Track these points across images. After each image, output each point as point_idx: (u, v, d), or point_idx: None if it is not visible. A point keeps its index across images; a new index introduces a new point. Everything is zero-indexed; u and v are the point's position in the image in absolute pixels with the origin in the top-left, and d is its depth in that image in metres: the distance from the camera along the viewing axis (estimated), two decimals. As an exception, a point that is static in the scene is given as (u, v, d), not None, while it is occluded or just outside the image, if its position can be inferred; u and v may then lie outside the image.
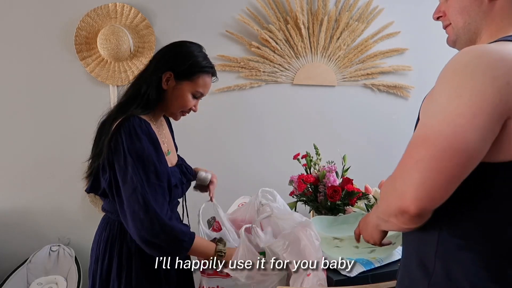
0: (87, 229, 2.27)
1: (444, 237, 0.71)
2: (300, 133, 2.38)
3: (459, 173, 0.63)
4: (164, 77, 1.14)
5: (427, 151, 0.63)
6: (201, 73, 1.17)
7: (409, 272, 0.79)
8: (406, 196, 0.63)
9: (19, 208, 2.19)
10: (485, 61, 0.63)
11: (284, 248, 1.07)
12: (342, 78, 2.41)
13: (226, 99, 2.33)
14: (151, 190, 1.03)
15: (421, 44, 2.48)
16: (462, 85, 0.63)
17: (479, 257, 0.68)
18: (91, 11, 2.13)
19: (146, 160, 1.05)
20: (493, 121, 0.61)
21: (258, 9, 2.29)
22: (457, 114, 0.62)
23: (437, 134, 0.63)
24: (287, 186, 1.59)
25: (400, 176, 0.67)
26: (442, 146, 0.62)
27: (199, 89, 1.18)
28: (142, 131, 1.07)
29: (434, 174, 0.62)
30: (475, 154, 0.62)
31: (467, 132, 0.61)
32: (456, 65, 0.65)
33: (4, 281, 2.02)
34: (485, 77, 0.61)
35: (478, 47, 0.66)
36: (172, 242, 1.04)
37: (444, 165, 0.62)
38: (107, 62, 2.17)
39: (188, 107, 1.19)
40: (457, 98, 0.62)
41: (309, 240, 1.08)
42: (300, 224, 1.12)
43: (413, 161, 0.65)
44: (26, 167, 2.17)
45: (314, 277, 1.04)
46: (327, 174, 1.50)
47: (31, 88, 2.14)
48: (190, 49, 1.19)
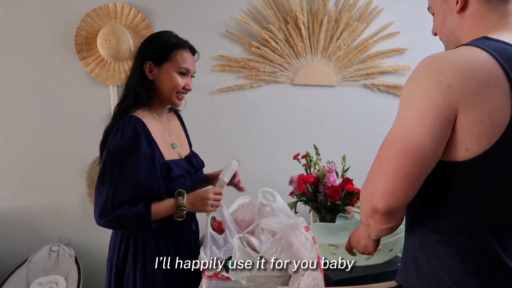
0: (87, 229, 2.27)
1: (424, 233, 0.77)
2: (300, 133, 2.38)
3: (416, 172, 0.69)
4: (146, 68, 1.21)
5: (386, 153, 0.72)
6: (176, 50, 1.22)
7: (405, 265, 0.84)
8: (375, 196, 0.71)
9: (19, 208, 2.19)
10: (431, 67, 0.69)
11: (278, 255, 1.07)
12: (342, 78, 2.41)
13: (226, 99, 2.33)
14: (115, 184, 1.10)
15: (421, 44, 2.47)
16: (412, 91, 0.71)
17: (455, 250, 0.72)
18: (91, 11, 2.13)
19: (123, 156, 1.11)
20: (440, 122, 0.66)
21: (258, 9, 2.29)
22: (408, 117, 0.70)
23: (392, 136, 0.72)
24: (287, 186, 1.59)
25: (370, 179, 0.75)
26: (397, 147, 0.69)
27: (181, 65, 1.22)
28: (129, 127, 1.13)
29: (394, 174, 0.69)
30: (427, 153, 0.68)
31: (416, 134, 0.67)
32: (413, 73, 0.72)
33: (4, 281, 2.02)
34: (430, 82, 0.67)
35: (432, 55, 0.72)
36: (130, 226, 1.12)
37: (400, 164, 0.68)
38: (107, 62, 2.17)
39: (179, 86, 1.23)
40: (409, 102, 0.71)
41: (301, 242, 1.08)
42: (289, 226, 1.11)
43: (377, 163, 0.73)
44: (26, 167, 2.17)
45: (309, 277, 1.04)
46: (327, 174, 1.50)
47: (31, 88, 2.14)
48: (159, 34, 1.28)
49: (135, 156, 1.12)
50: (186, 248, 1.28)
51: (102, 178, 1.12)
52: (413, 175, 0.69)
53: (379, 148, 0.74)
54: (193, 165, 1.32)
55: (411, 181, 0.69)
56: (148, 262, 1.18)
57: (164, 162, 1.19)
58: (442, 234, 0.73)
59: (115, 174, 1.10)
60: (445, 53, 0.73)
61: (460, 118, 0.66)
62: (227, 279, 1.14)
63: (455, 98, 0.65)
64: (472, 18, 0.77)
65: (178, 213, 1.16)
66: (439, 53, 0.73)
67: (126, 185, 1.10)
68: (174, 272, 1.22)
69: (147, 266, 1.18)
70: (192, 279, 1.25)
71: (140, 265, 1.18)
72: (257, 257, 1.10)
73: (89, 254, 2.25)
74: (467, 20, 0.78)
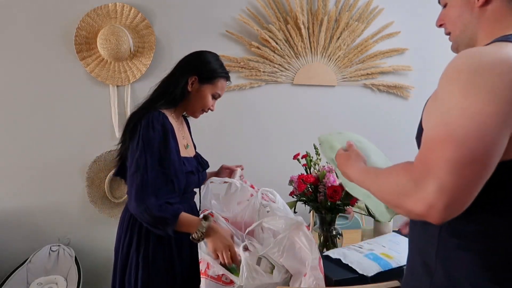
0: (87, 229, 2.27)
1: (443, 237, 0.71)
2: (300, 133, 2.38)
3: (488, 174, 0.59)
4: (190, 80, 1.35)
5: (457, 151, 0.58)
6: (220, 78, 1.39)
7: (413, 271, 0.79)
8: (434, 204, 0.58)
9: (19, 208, 2.19)
10: (488, 60, 0.62)
11: (280, 254, 1.07)
12: (342, 78, 2.41)
13: (226, 99, 2.31)
14: (150, 173, 1.18)
15: (421, 44, 2.48)
16: (473, 84, 0.61)
17: (478, 257, 0.67)
18: (91, 11, 2.13)
19: (154, 147, 1.20)
20: (509, 117, 0.59)
21: (258, 9, 2.29)
22: (477, 111, 0.59)
23: (463, 132, 0.58)
24: (287, 186, 1.58)
25: (425, 174, 0.60)
26: (476, 145, 0.57)
27: (217, 90, 1.41)
28: (158, 122, 1.24)
29: (466, 177, 0.57)
30: (500, 152, 0.59)
31: (493, 130, 0.58)
32: (462, 66, 0.64)
33: (4, 281, 2.02)
34: (492, 75, 0.60)
35: (474, 49, 0.67)
36: (155, 222, 1.18)
37: (476, 166, 0.57)
38: (107, 62, 2.17)
39: (208, 106, 1.41)
40: (471, 96, 0.60)
41: (303, 242, 1.08)
42: (291, 226, 1.11)
43: (441, 161, 0.58)
44: (26, 167, 2.17)
45: (310, 277, 1.04)
46: (327, 174, 1.50)
47: (31, 88, 2.14)
48: (213, 56, 1.42)
49: (167, 148, 1.22)
50: (187, 240, 1.31)
51: (136, 166, 1.19)
52: (485, 179, 0.59)
53: (435, 140, 0.61)
54: (200, 164, 1.45)
55: (481, 186, 0.59)
56: (150, 251, 1.27)
57: (181, 158, 1.31)
58: (466, 239, 0.68)
59: (149, 164, 1.19)
60: (489, 48, 0.67)
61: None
62: (229, 284, 1.13)
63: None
64: (493, 16, 0.74)
65: (195, 235, 1.20)
66: (480, 48, 0.68)
67: (160, 176, 1.20)
68: (175, 260, 1.30)
69: (149, 253, 1.27)
70: (194, 270, 1.33)
71: (143, 253, 1.26)
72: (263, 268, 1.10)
73: (89, 254, 2.25)
74: (486, 17, 0.75)
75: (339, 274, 1.19)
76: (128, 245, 1.30)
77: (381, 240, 1.49)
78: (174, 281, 1.30)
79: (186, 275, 1.33)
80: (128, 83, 2.20)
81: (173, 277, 1.30)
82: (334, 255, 1.31)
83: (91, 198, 2.22)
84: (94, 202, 2.23)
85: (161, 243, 1.28)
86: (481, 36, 0.76)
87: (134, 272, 1.27)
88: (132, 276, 1.27)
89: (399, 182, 0.65)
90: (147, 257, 1.27)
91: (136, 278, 1.26)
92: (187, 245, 1.33)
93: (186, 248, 1.33)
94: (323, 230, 1.53)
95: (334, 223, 1.54)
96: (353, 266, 1.21)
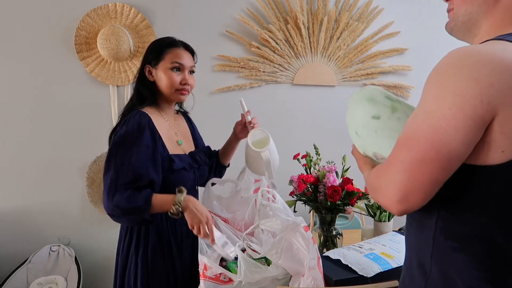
0: (87, 229, 2.27)
1: (438, 239, 0.72)
2: (300, 133, 2.38)
3: (441, 177, 0.64)
4: (146, 71, 1.32)
5: (409, 153, 0.65)
6: (167, 48, 1.31)
7: (409, 272, 0.79)
8: (390, 198, 0.67)
9: (19, 208, 2.19)
10: (468, 62, 0.62)
11: (278, 256, 1.07)
12: (342, 78, 2.41)
13: (226, 99, 2.33)
14: (120, 170, 1.15)
15: (421, 44, 2.48)
16: (444, 86, 0.63)
17: (473, 258, 0.67)
18: (91, 11, 2.13)
19: (126, 142, 1.18)
20: (473, 123, 0.60)
21: (258, 9, 2.29)
22: (438, 116, 0.62)
23: (419, 135, 0.64)
24: (287, 186, 1.58)
25: (386, 174, 0.69)
26: (424, 148, 0.63)
27: (173, 60, 1.29)
28: (135, 120, 1.21)
29: (416, 177, 0.64)
30: (455, 156, 0.62)
31: (447, 134, 0.61)
32: (441, 66, 0.65)
33: (4, 281, 2.02)
34: (466, 79, 0.60)
35: (464, 48, 0.65)
36: (128, 213, 1.16)
37: (425, 168, 0.63)
38: (107, 62, 2.17)
39: (175, 82, 1.30)
40: (439, 99, 0.63)
41: (300, 243, 1.08)
42: (288, 228, 1.11)
43: (397, 161, 0.67)
44: (26, 167, 2.17)
45: (308, 277, 1.04)
46: (327, 174, 1.49)
47: (31, 88, 2.14)
48: (156, 39, 1.39)
49: (137, 146, 1.18)
50: (188, 239, 1.32)
51: (107, 166, 1.18)
52: (438, 180, 0.64)
53: (398, 142, 0.68)
54: (196, 161, 1.39)
55: (434, 185, 0.64)
56: (149, 250, 1.26)
57: (168, 155, 1.27)
58: (460, 241, 0.69)
59: (118, 161, 1.16)
60: (478, 47, 0.65)
61: (500, 119, 0.60)
62: (228, 282, 1.13)
63: (495, 97, 0.59)
64: (503, 9, 0.72)
65: (173, 209, 1.18)
66: (468, 46, 0.66)
67: (128, 171, 1.16)
68: (175, 261, 1.30)
69: (148, 253, 1.26)
70: (194, 270, 1.31)
71: (142, 253, 1.26)
72: (261, 261, 1.10)
73: (89, 254, 2.25)
74: (498, 8, 0.72)
75: (339, 274, 1.18)
76: (128, 245, 1.29)
77: (381, 240, 1.49)
78: (174, 281, 1.30)
79: (186, 275, 1.33)
80: (128, 83, 2.20)
81: (173, 277, 1.30)
82: (334, 255, 1.31)
83: (91, 198, 2.22)
84: (94, 202, 2.23)
85: (161, 243, 1.28)
86: (484, 26, 0.74)
87: (134, 272, 1.27)
88: (131, 276, 1.27)
89: (374, 179, 0.76)
90: (146, 257, 1.26)
91: (136, 278, 1.26)
92: (187, 245, 1.33)
93: (186, 248, 1.33)
94: (323, 230, 1.53)
95: (334, 223, 1.54)
96: (353, 267, 1.21)
